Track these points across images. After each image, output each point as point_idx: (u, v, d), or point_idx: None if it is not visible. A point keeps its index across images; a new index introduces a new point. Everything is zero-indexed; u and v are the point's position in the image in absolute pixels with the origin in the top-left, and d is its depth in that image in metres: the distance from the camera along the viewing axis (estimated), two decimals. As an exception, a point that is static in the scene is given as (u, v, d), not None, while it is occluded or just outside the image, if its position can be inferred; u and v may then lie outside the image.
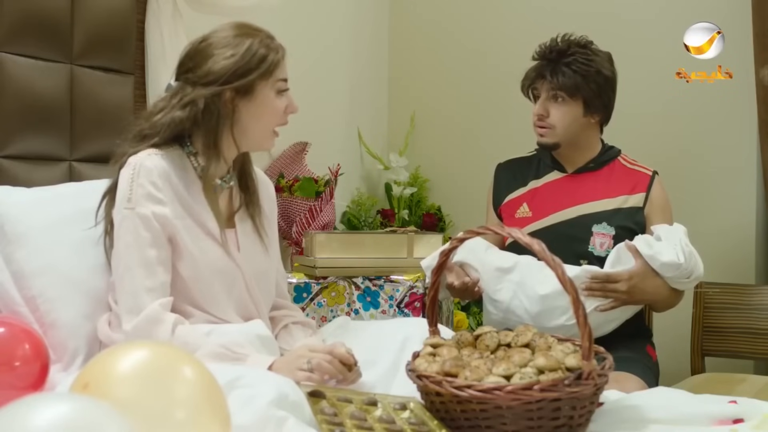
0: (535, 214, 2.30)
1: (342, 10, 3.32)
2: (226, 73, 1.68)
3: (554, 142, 2.28)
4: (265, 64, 1.68)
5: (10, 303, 1.69)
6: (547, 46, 2.27)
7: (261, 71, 1.68)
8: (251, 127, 1.72)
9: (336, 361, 1.55)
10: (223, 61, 1.68)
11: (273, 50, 1.70)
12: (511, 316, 2.13)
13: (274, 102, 1.72)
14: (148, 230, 1.63)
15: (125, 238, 1.64)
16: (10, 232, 1.72)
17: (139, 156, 1.67)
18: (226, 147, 1.73)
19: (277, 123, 1.75)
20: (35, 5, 2.02)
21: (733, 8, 2.83)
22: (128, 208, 1.64)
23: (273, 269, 1.84)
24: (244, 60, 1.68)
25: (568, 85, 2.21)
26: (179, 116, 1.69)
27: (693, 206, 2.82)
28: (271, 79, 1.70)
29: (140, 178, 1.64)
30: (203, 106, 1.67)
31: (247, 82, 1.68)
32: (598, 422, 1.44)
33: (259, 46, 1.69)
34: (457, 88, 3.39)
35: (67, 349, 1.67)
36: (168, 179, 1.66)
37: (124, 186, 1.66)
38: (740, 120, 2.88)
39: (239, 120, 1.71)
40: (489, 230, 1.47)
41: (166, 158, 1.68)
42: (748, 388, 2.24)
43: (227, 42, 1.70)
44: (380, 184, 3.45)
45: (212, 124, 1.69)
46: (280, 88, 1.72)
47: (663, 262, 2.09)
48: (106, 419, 0.96)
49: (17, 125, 2.00)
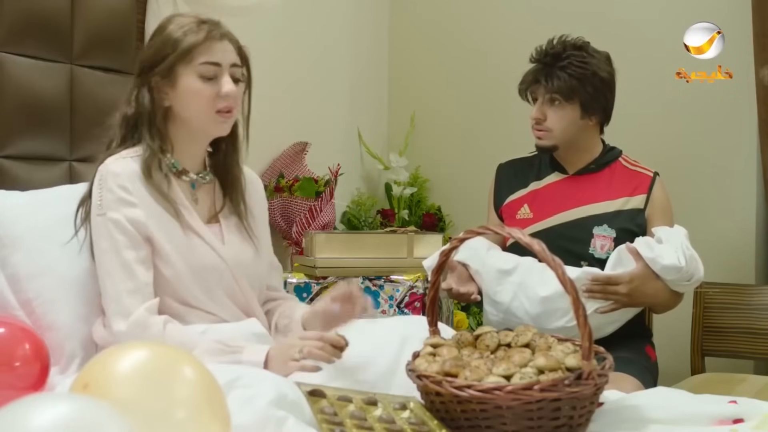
0: (536, 216, 2.29)
1: (342, 10, 3.32)
2: (146, 60, 1.70)
3: (552, 144, 2.28)
4: (180, 48, 1.65)
5: (6, 306, 1.68)
6: (543, 49, 2.26)
7: (176, 55, 1.65)
8: (184, 114, 1.70)
9: (327, 345, 1.53)
10: (146, 50, 1.72)
11: (192, 33, 1.66)
12: (512, 317, 2.13)
13: (196, 86, 1.66)
14: (123, 233, 1.63)
15: (101, 244, 1.64)
16: (4, 235, 1.72)
17: (107, 162, 1.68)
18: (177, 137, 1.72)
19: (211, 108, 1.67)
20: (35, 5, 2.02)
21: (733, 8, 2.83)
22: (100, 215, 1.65)
23: (262, 263, 1.83)
24: (161, 46, 1.68)
25: (563, 88, 2.20)
26: (124, 112, 1.72)
27: (693, 206, 2.81)
28: (191, 64, 1.66)
29: (108, 183, 1.65)
30: (137, 96, 1.70)
31: (164, 67, 1.67)
32: (598, 422, 1.44)
33: (178, 31, 1.67)
34: (457, 88, 3.39)
35: (64, 351, 1.67)
36: (137, 180, 1.66)
37: (95, 193, 1.67)
38: (740, 120, 2.88)
39: (172, 107, 1.70)
40: (489, 230, 1.47)
41: (136, 159, 1.68)
42: (748, 388, 2.24)
43: (158, 31, 1.72)
44: (380, 184, 3.45)
45: (149, 114, 1.69)
46: (203, 72, 1.66)
47: (664, 265, 2.08)
48: (106, 419, 0.96)
49: (17, 125, 2.00)
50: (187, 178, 1.74)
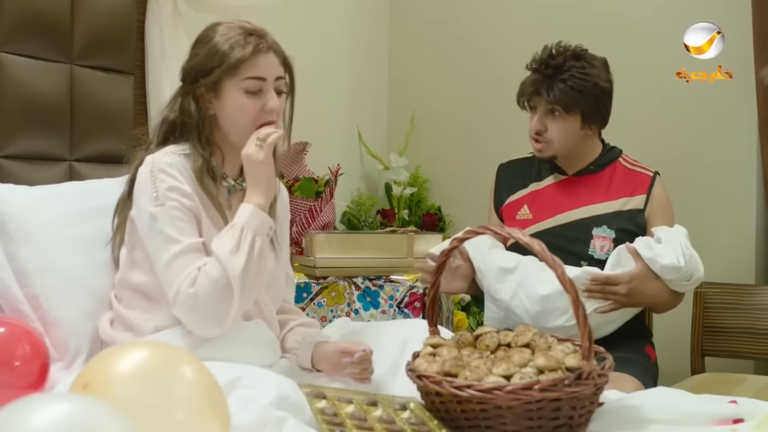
0: (535, 217, 2.29)
1: (342, 10, 3.32)
2: (192, 70, 1.68)
3: (552, 155, 2.27)
4: (228, 62, 1.63)
5: (12, 301, 1.69)
6: (542, 59, 2.23)
7: (223, 69, 1.64)
8: (227, 126, 1.69)
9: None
10: (191, 59, 1.70)
11: (239, 47, 1.64)
12: (512, 315, 2.13)
13: (241, 101, 1.65)
14: (182, 220, 1.61)
15: (163, 235, 1.59)
16: (12, 230, 1.71)
17: (155, 156, 1.65)
18: (222, 144, 1.72)
19: (253, 123, 1.65)
20: (35, 5, 2.02)
21: (733, 8, 2.83)
22: (158, 206, 1.60)
23: (282, 272, 1.82)
24: (207, 58, 1.66)
25: (565, 100, 2.18)
26: (167, 115, 1.72)
27: (693, 206, 2.81)
28: (236, 78, 1.64)
29: (161, 174, 1.62)
30: (182, 104, 1.69)
31: (210, 80, 1.66)
32: (598, 422, 1.45)
33: (224, 43, 1.64)
34: (457, 88, 3.39)
35: (69, 347, 1.67)
36: (187, 174, 1.65)
37: (146, 185, 1.63)
38: (740, 120, 2.88)
39: (216, 118, 1.70)
40: (489, 230, 1.47)
41: (182, 156, 1.67)
42: (748, 388, 2.24)
43: (204, 39, 1.69)
44: (380, 184, 3.45)
45: (194, 122, 1.68)
46: (248, 87, 1.64)
47: (663, 265, 2.08)
48: (106, 419, 0.96)
49: (17, 125, 2.00)
50: (226, 184, 1.73)
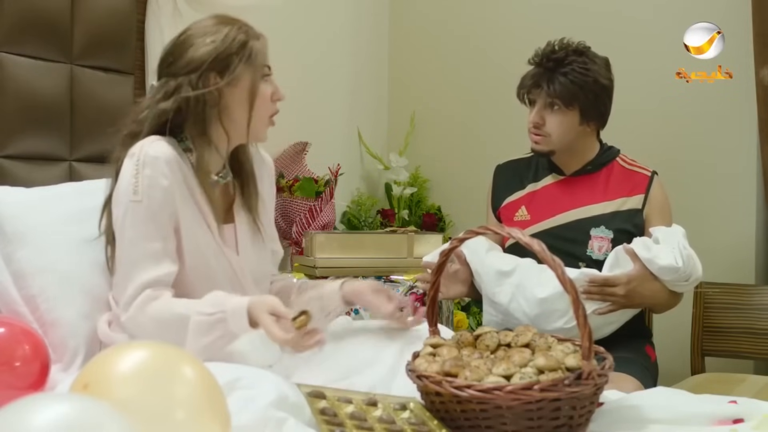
0: (533, 218, 2.29)
1: (342, 10, 3.32)
2: (207, 58, 1.65)
3: (549, 149, 2.27)
4: (247, 49, 1.67)
5: (10, 302, 1.69)
6: (544, 53, 2.24)
7: (243, 56, 1.66)
8: (239, 115, 1.68)
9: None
10: (203, 47, 1.66)
11: (253, 36, 1.69)
12: (511, 318, 2.13)
13: (260, 88, 1.69)
14: (154, 222, 1.60)
15: (131, 230, 1.60)
16: (9, 231, 1.71)
17: (142, 145, 1.62)
18: (216, 137, 1.70)
19: (266, 111, 1.71)
20: (35, 5, 2.02)
21: (733, 8, 2.83)
22: (135, 201, 1.60)
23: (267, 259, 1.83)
24: (224, 45, 1.66)
25: (564, 94, 2.18)
26: (163, 107, 1.65)
27: (693, 206, 2.81)
28: (254, 65, 1.68)
29: (146, 169, 1.60)
30: (188, 94, 1.64)
31: (229, 66, 1.66)
32: (598, 422, 1.44)
33: (238, 33, 1.68)
34: (457, 87, 3.39)
35: (68, 348, 1.67)
36: (174, 164, 1.63)
37: (128, 176, 1.61)
38: (740, 120, 2.88)
39: (226, 107, 1.68)
40: (489, 230, 1.47)
41: (170, 143, 1.65)
42: (748, 388, 2.23)
43: (206, 30, 1.68)
44: (380, 184, 3.45)
45: (199, 111, 1.66)
46: (264, 73, 1.70)
47: (661, 265, 2.08)
48: (106, 419, 0.95)
49: (17, 125, 2.00)
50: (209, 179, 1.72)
